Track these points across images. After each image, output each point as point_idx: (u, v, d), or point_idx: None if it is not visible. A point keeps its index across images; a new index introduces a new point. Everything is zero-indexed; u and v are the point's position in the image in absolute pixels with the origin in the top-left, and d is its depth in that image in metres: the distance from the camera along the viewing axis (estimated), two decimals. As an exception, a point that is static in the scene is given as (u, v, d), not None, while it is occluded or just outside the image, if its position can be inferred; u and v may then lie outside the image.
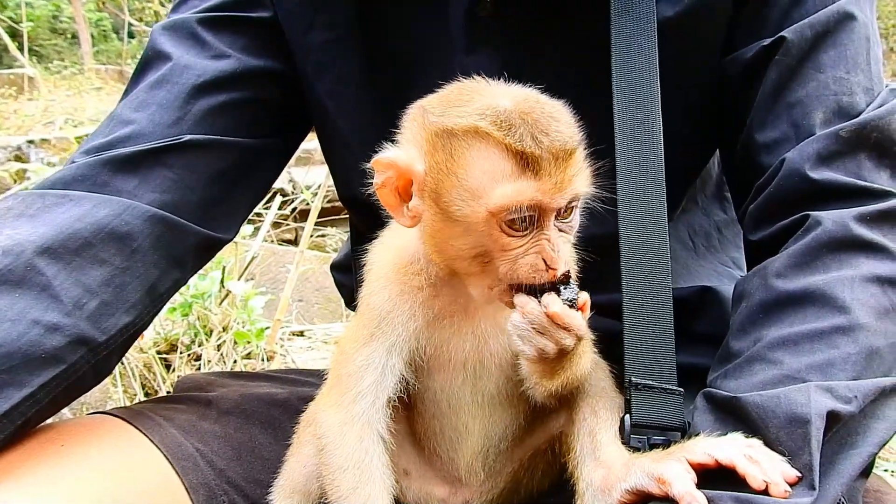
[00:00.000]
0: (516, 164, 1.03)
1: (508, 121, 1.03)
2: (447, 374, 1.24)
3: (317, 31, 1.56)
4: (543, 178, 1.03)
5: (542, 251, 1.06)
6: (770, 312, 1.21)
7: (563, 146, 1.04)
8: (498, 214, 1.04)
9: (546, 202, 1.04)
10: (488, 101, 1.07)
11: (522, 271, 1.07)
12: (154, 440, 1.39)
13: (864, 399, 1.09)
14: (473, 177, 1.05)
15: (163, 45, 1.56)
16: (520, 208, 1.04)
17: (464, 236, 1.08)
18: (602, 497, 1.18)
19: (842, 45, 1.32)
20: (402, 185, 1.13)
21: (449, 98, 1.11)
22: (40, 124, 9.50)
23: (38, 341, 1.22)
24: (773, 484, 1.01)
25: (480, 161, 1.05)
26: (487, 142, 1.04)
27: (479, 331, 1.22)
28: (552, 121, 1.05)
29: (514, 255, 1.07)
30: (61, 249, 1.30)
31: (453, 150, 1.06)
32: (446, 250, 1.12)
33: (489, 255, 1.08)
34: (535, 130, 1.03)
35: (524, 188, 1.03)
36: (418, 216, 1.12)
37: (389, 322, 1.20)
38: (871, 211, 1.23)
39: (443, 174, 1.07)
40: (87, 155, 1.44)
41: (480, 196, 1.04)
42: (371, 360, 1.20)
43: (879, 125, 1.27)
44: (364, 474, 1.17)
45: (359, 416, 1.19)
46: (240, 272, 3.37)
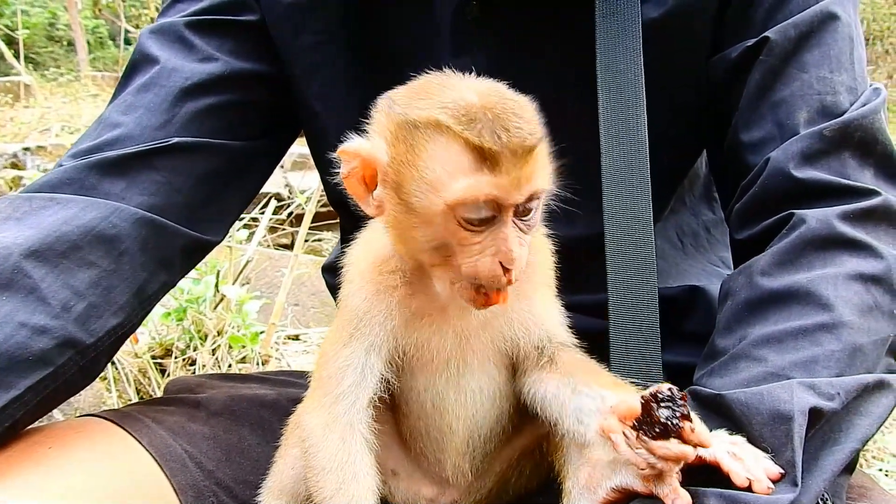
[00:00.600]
0: (474, 158, 1.02)
1: (469, 115, 1.03)
2: (430, 374, 1.24)
3: (306, 34, 1.56)
4: (501, 174, 1.02)
5: (498, 252, 1.05)
6: (755, 310, 1.22)
7: (523, 142, 1.03)
8: (455, 208, 1.04)
9: (503, 198, 1.03)
10: (452, 95, 1.07)
11: (482, 273, 1.06)
12: (142, 442, 1.39)
13: (846, 396, 1.09)
14: (432, 169, 1.05)
15: (150, 49, 1.57)
16: (476, 203, 1.03)
17: (423, 228, 1.08)
18: (588, 495, 1.18)
19: (825, 44, 1.33)
20: (367, 175, 1.13)
21: (415, 90, 1.12)
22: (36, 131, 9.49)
23: (25, 343, 1.23)
24: (756, 481, 1.02)
25: (439, 154, 1.04)
26: (447, 135, 1.04)
27: (460, 328, 1.21)
28: (514, 116, 1.04)
29: (472, 251, 1.06)
30: (48, 252, 1.30)
31: (414, 141, 1.06)
32: (408, 241, 1.12)
33: (448, 248, 1.08)
34: (496, 126, 1.02)
35: (481, 183, 1.02)
36: (382, 206, 1.13)
37: (367, 322, 1.20)
38: (855, 209, 1.23)
39: (403, 165, 1.07)
40: (75, 158, 1.45)
41: (438, 189, 1.04)
42: (350, 361, 1.20)
43: (863, 124, 1.28)
44: (347, 475, 1.17)
45: (340, 417, 1.19)
46: (234, 276, 3.38)
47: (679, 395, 1.00)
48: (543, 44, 1.44)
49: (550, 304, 1.26)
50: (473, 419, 1.26)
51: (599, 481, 1.17)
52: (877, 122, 1.30)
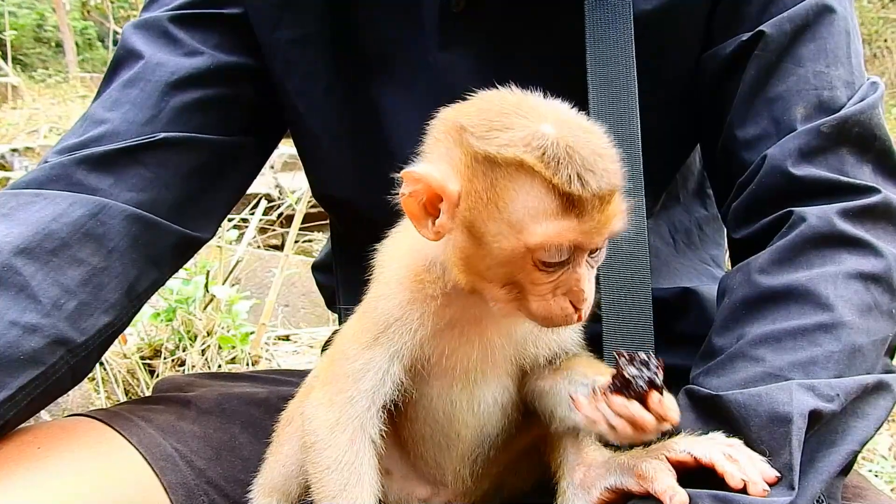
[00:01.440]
0: (561, 203, 0.98)
1: (555, 156, 0.98)
2: (447, 382, 1.21)
3: (284, 29, 1.54)
4: (586, 219, 0.99)
5: (570, 292, 1.03)
6: (753, 309, 1.21)
7: (609, 188, 0.99)
8: (535, 251, 1.00)
9: (586, 243, 1.01)
10: (533, 129, 1.01)
11: (553, 313, 1.03)
12: (132, 441, 1.37)
13: (846, 397, 1.08)
14: (515, 211, 1.00)
15: (134, 44, 1.55)
16: (560, 248, 1.00)
17: (495, 266, 1.04)
18: (583, 495, 1.18)
19: (821, 38, 1.32)
20: (429, 201, 1.06)
21: (489, 117, 1.04)
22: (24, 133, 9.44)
23: (16, 343, 1.21)
24: (752, 483, 1.01)
25: (524, 196, 0.99)
26: (533, 178, 0.98)
27: (486, 339, 1.18)
28: (598, 158, 0.99)
29: (544, 290, 1.03)
30: (38, 249, 1.29)
31: (495, 179, 1.01)
32: (475, 274, 1.07)
33: (520, 286, 1.04)
34: (583, 169, 0.97)
35: (567, 229, 0.98)
36: (444, 233, 1.07)
37: (397, 329, 1.16)
38: (855, 207, 1.22)
39: (481, 202, 1.01)
40: (61, 155, 1.43)
41: (520, 231, 0.99)
42: (372, 365, 1.17)
43: (860, 119, 1.27)
44: (353, 476, 1.15)
45: (353, 418, 1.17)
46: (224, 277, 3.36)
47: (655, 363, 1.01)
48: (532, 36, 1.42)
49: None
50: (482, 429, 1.25)
51: (594, 481, 1.16)
52: (875, 118, 1.28)
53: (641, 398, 1.01)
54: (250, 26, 1.57)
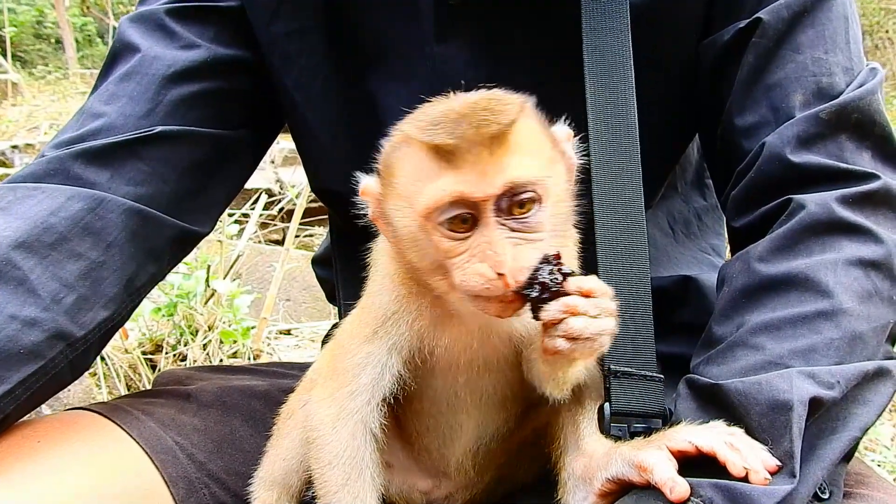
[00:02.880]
0: (434, 160, 0.97)
1: (432, 120, 0.98)
2: (451, 375, 1.21)
3: (281, 22, 1.54)
4: (461, 167, 0.96)
5: (483, 256, 0.98)
6: (752, 297, 1.21)
7: (480, 131, 0.96)
8: (430, 217, 0.99)
9: (469, 193, 0.97)
10: (437, 108, 1.01)
11: (473, 281, 0.99)
12: (132, 434, 1.37)
13: (846, 384, 1.08)
14: (403, 183, 1.02)
15: (131, 37, 1.54)
16: (444, 205, 0.98)
17: (413, 250, 1.04)
18: (583, 486, 1.18)
19: (820, 24, 1.31)
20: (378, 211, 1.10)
21: (413, 113, 1.06)
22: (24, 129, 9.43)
23: (16, 337, 1.21)
24: (753, 471, 1.01)
25: (407, 165, 1.01)
26: (412, 145, 1.00)
27: (485, 327, 1.17)
28: (483, 111, 0.97)
29: (459, 260, 1.00)
30: (37, 244, 1.28)
31: (390, 160, 1.04)
32: (410, 271, 1.09)
33: (440, 265, 1.02)
34: (452, 123, 0.96)
35: (444, 183, 0.97)
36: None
37: (395, 322, 1.16)
38: (854, 193, 1.22)
39: (386, 188, 1.05)
40: (58, 149, 1.43)
41: (411, 202, 1.01)
42: (371, 359, 1.17)
43: (859, 106, 1.27)
44: (355, 471, 1.16)
45: (354, 412, 1.17)
46: (225, 271, 3.36)
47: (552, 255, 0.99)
48: (528, 27, 1.42)
49: None
50: (484, 418, 1.25)
51: (595, 472, 1.16)
52: (874, 104, 1.28)
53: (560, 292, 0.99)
54: (247, 19, 1.56)
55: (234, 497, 1.41)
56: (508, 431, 1.30)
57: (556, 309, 0.99)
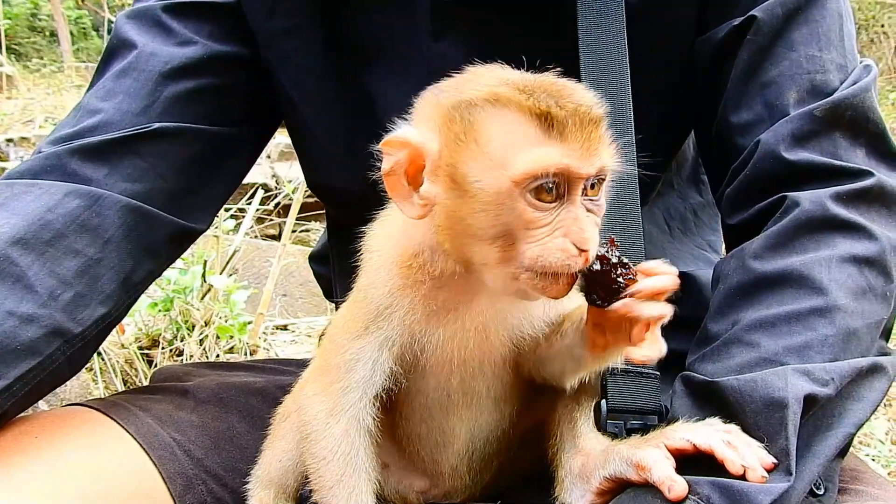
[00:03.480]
0: (540, 127, 0.96)
1: (529, 87, 0.98)
2: (445, 375, 1.20)
3: (277, 18, 1.54)
4: (570, 141, 0.96)
5: (569, 231, 0.97)
6: (747, 294, 1.21)
7: (589, 110, 0.98)
8: (522, 183, 0.96)
9: (574, 168, 0.96)
10: (503, 75, 1.02)
11: (553, 256, 0.97)
12: (130, 430, 1.37)
13: (841, 381, 1.09)
14: (495, 144, 0.97)
15: (128, 34, 1.54)
16: (546, 174, 0.95)
17: (484, 213, 0.99)
18: (581, 484, 1.18)
19: (814, 21, 1.32)
20: (412, 170, 1.04)
21: (462, 78, 1.06)
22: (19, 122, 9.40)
23: (13, 333, 1.21)
24: (751, 469, 1.01)
25: (502, 127, 0.97)
26: (509, 107, 0.97)
27: (483, 325, 1.15)
28: (573, 88, 1.00)
29: (540, 233, 0.97)
30: (34, 240, 1.29)
31: (472, 118, 0.99)
32: (463, 235, 1.03)
33: (512, 235, 0.99)
34: (557, 95, 0.97)
35: (550, 152, 0.95)
36: (429, 205, 1.04)
37: (386, 317, 1.14)
38: (848, 190, 1.22)
39: (461, 144, 0.99)
40: (55, 145, 1.43)
41: (503, 164, 0.96)
42: (362, 355, 1.16)
43: (853, 103, 1.27)
44: (349, 467, 1.15)
45: (346, 408, 1.17)
46: (222, 267, 3.36)
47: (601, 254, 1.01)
48: (524, 25, 1.42)
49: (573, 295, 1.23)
50: (476, 422, 1.25)
51: (593, 470, 1.16)
52: (867, 101, 1.28)
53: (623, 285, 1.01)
54: (244, 16, 1.57)
55: (232, 493, 1.41)
56: (502, 434, 1.29)
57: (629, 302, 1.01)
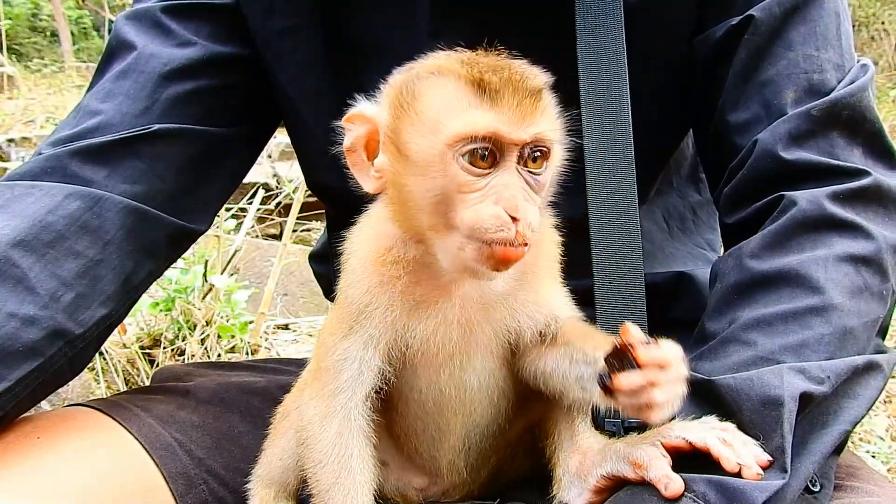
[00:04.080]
0: (474, 93, 1.01)
1: (472, 60, 1.04)
2: (433, 370, 1.21)
3: (276, 18, 1.55)
4: (502, 106, 1.00)
5: (500, 198, 1.00)
6: (744, 293, 1.22)
7: (525, 78, 1.02)
8: (454, 146, 1.00)
9: (504, 132, 1.00)
10: (458, 54, 1.08)
11: (487, 222, 0.99)
12: (132, 430, 1.38)
13: (836, 379, 1.10)
14: (431, 109, 1.03)
15: (127, 35, 1.55)
16: (476, 138, 0.99)
17: (422, 178, 1.03)
18: (578, 482, 1.19)
19: (811, 21, 1.32)
20: (370, 144, 1.11)
21: (422, 60, 1.12)
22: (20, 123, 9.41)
23: (15, 334, 1.22)
24: (746, 467, 1.02)
25: (438, 93, 1.03)
26: (447, 76, 1.03)
27: (465, 320, 1.17)
28: (517, 63, 1.05)
29: (472, 198, 1.01)
30: (35, 242, 1.29)
31: (415, 89, 1.06)
32: (407, 204, 1.08)
33: (449, 199, 1.02)
34: (497, 66, 1.02)
35: (480, 116, 1.00)
36: (383, 176, 1.10)
37: (368, 315, 1.16)
38: (845, 190, 1.23)
39: (403, 112, 1.06)
40: (55, 146, 1.43)
41: (437, 129, 1.02)
42: (349, 354, 1.17)
43: (850, 103, 1.28)
44: (344, 469, 1.16)
45: (338, 410, 1.18)
46: (223, 266, 3.36)
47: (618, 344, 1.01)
48: (523, 25, 1.42)
49: (556, 291, 1.24)
50: (471, 416, 1.25)
51: (590, 469, 1.17)
52: (865, 100, 1.29)
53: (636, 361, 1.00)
54: (243, 16, 1.57)
55: (233, 493, 1.41)
56: (499, 429, 1.30)
57: (637, 382, 1.00)
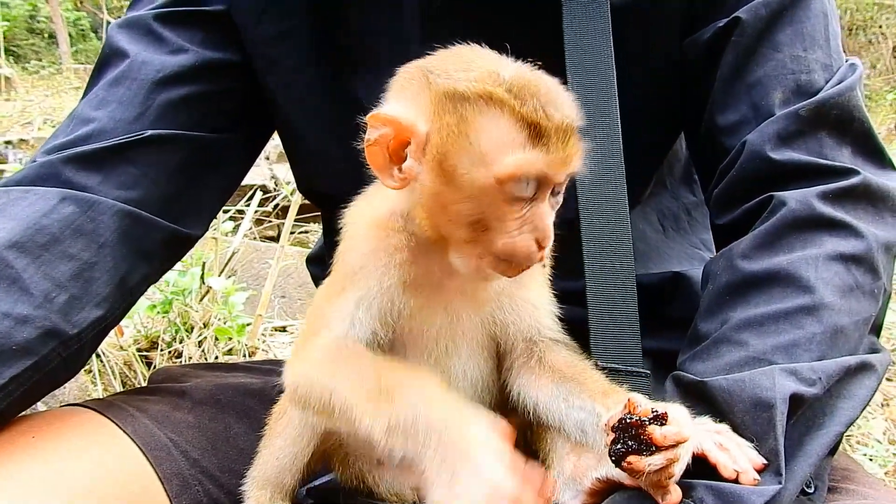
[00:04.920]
0: (528, 134, 1.03)
1: (520, 90, 1.04)
2: (420, 351, 1.22)
3: (267, 24, 1.56)
4: (552, 151, 1.03)
5: (535, 229, 1.06)
6: (736, 294, 1.22)
7: (571, 122, 1.05)
8: (505, 183, 1.03)
9: (551, 174, 1.05)
10: (494, 68, 1.07)
11: (520, 250, 1.06)
12: (127, 431, 1.38)
13: (828, 380, 1.10)
14: (485, 142, 1.04)
15: (120, 43, 1.56)
16: (527, 179, 1.03)
17: (464, 202, 1.06)
18: (573, 485, 1.19)
19: (798, 21, 1.33)
20: (395, 145, 1.09)
21: (452, 62, 1.10)
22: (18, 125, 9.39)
23: (8, 333, 1.22)
24: (743, 472, 1.02)
25: (493, 127, 1.03)
26: (502, 109, 1.03)
27: (452, 307, 1.20)
28: (559, 96, 1.06)
29: (510, 226, 1.06)
30: (30, 244, 1.30)
31: (465, 113, 1.05)
32: (442, 215, 1.09)
33: (486, 224, 1.06)
34: (546, 103, 1.03)
35: (534, 160, 1.03)
36: (409, 178, 1.09)
37: (362, 276, 1.18)
38: (834, 189, 1.23)
39: (452, 136, 1.05)
40: (49, 154, 1.44)
41: (490, 162, 1.03)
42: (340, 310, 1.17)
43: (839, 102, 1.28)
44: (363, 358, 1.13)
45: (333, 346, 1.15)
46: (220, 268, 3.36)
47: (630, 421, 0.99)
48: (512, 28, 1.40)
49: (543, 293, 1.26)
50: None
51: (585, 472, 1.17)
52: (853, 100, 1.29)
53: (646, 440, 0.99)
54: (235, 23, 1.58)
55: (228, 494, 1.42)
56: None
57: (658, 464, 0.99)
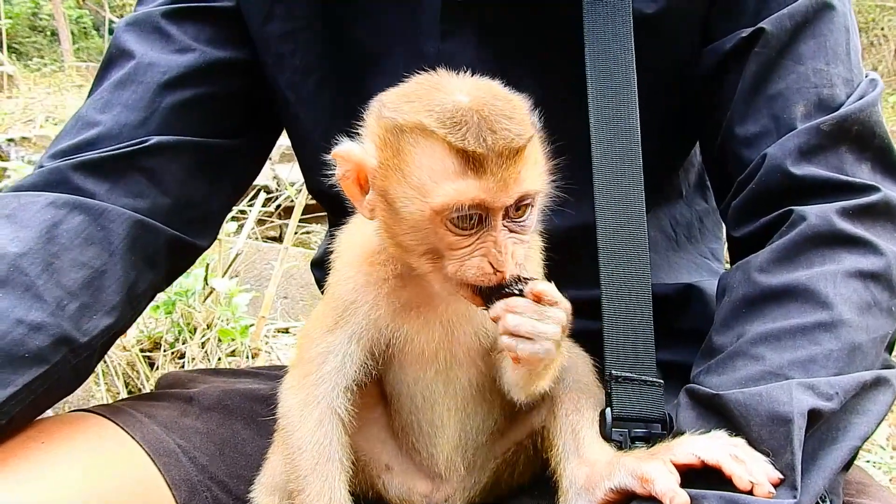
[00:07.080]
0: (459, 162, 1.02)
1: (455, 118, 1.03)
2: (419, 367, 1.25)
3: (276, 22, 1.54)
4: (487, 176, 1.02)
5: (488, 253, 1.06)
6: (753, 307, 1.21)
7: (509, 144, 1.02)
8: (441, 213, 1.04)
9: (490, 201, 1.03)
10: (441, 98, 1.06)
11: (469, 273, 1.07)
12: (135, 437, 1.38)
13: (845, 395, 1.09)
14: (418, 174, 1.05)
15: (126, 43, 1.55)
16: (462, 207, 1.03)
17: (412, 233, 1.08)
18: (586, 495, 1.18)
19: (821, 35, 1.32)
20: (361, 178, 1.13)
21: (405, 93, 1.11)
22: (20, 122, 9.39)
23: (22, 340, 1.22)
24: (758, 485, 1.02)
25: (424, 159, 1.04)
26: (432, 139, 1.03)
27: (447, 321, 1.22)
28: (502, 118, 1.04)
29: (461, 254, 1.06)
30: (42, 252, 1.29)
31: (400, 146, 1.06)
32: (398, 245, 1.13)
33: (437, 252, 1.08)
34: (482, 128, 1.02)
35: (466, 187, 1.02)
36: (374, 208, 1.13)
37: (353, 311, 1.21)
38: (854, 205, 1.23)
39: (390, 170, 1.07)
40: (55, 159, 1.43)
41: (424, 194, 1.04)
42: (332, 348, 1.22)
43: (860, 118, 1.27)
44: (323, 455, 1.19)
45: (319, 399, 1.21)
46: (224, 269, 3.36)
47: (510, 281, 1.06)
48: (533, 25, 1.42)
49: None
50: (464, 411, 1.27)
51: (598, 482, 1.17)
52: (874, 116, 1.29)
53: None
54: (243, 20, 1.56)
55: (236, 500, 1.41)
56: (496, 424, 1.31)
57: (500, 307, 1.07)
